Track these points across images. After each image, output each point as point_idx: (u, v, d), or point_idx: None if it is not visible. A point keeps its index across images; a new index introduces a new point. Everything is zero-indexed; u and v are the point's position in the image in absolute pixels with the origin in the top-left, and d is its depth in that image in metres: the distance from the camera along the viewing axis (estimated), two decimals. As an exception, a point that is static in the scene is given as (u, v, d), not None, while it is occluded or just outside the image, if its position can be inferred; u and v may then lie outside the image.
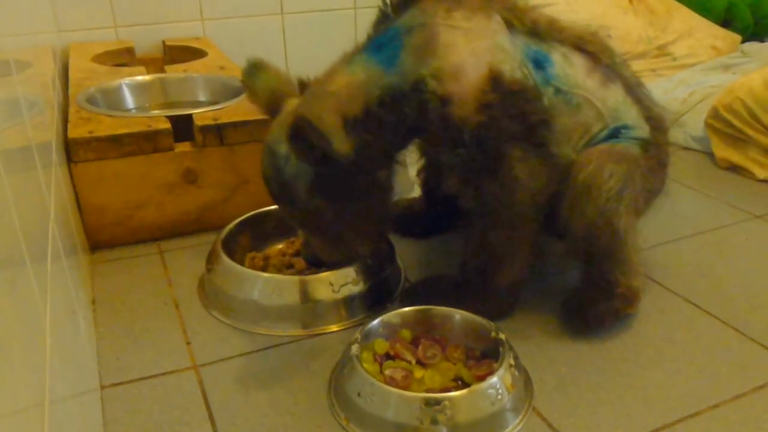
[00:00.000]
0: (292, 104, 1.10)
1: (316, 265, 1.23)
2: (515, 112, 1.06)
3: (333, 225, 1.13)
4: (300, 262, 1.31)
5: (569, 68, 1.11)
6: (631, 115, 1.15)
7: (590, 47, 1.14)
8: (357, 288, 1.23)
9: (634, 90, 1.18)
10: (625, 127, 1.14)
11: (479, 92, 1.05)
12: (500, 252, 1.17)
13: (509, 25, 1.09)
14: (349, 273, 1.23)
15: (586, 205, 1.10)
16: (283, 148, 1.06)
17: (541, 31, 1.11)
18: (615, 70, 1.16)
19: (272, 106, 1.13)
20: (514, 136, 1.07)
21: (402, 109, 1.07)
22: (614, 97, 1.14)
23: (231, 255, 1.26)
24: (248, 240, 1.40)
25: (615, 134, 1.14)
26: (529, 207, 1.12)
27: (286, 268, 1.32)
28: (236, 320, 1.21)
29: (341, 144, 1.03)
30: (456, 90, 1.05)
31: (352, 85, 1.07)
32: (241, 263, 1.26)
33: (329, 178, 1.07)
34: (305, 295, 1.20)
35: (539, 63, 1.09)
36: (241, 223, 1.38)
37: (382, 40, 1.09)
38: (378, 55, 1.08)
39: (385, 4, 1.13)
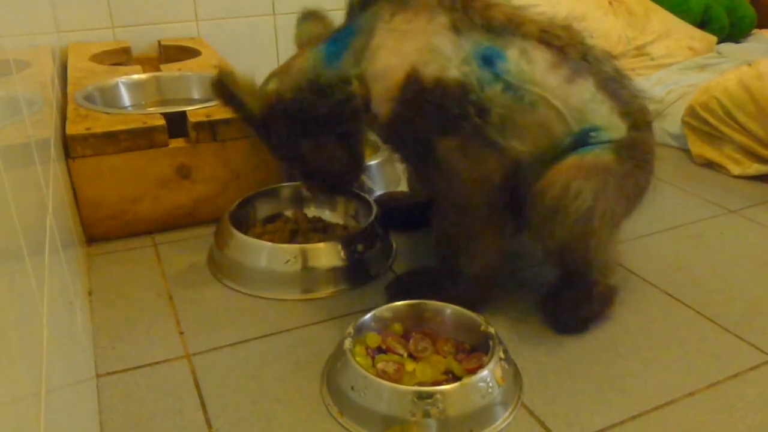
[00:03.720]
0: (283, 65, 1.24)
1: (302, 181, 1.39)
2: (430, 108, 1.08)
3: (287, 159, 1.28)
4: (302, 235, 1.45)
5: (526, 64, 1.08)
6: (600, 114, 1.10)
7: (557, 41, 1.11)
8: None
9: (608, 84, 1.12)
10: (594, 129, 1.10)
11: (394, 90, 1.09)
12: (456, 239, 1.18)
13: (455, 28, 1.09)
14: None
15: (554, 228, 1.09)
16: None
17: (496, 27, 1.10)
18: (587, 64, 1.12)
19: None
20: (432, 129, 1.09)
21: (314, 101, 1.15)
22: (580, 94, 1.09)
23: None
24: (250, 218, 1.49)
25: (584, 139, 1.10)
26: (475, 195, 1.13)
27: (289, 240, 1.41)
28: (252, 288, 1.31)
29: (252, 103, 1.19)
30: (374, 91, 1.11)
31: (299, 68, 1.18)
32: None
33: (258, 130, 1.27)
34: (305, 262, 1.30)
35: (488, 59, 1.08)
36: (242, 202, 1.46)
37: (339, 36, 1.17)
38: (329, 49, 1.16)
39: (350, 2, 1.19)
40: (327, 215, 1.56)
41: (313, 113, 1.17)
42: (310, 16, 1.27)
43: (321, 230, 1.47)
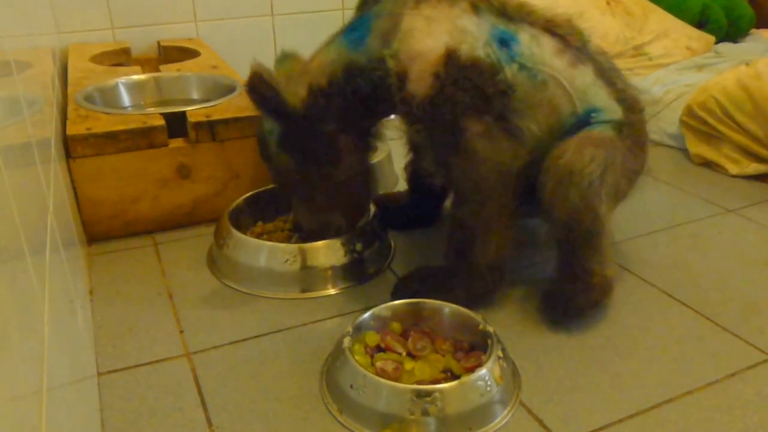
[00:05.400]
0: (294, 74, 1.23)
1: (299, 231, 1.36)
2: (468, 85, 1.11)
3: (303, 185, 1.26)
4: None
5: (536, 47, 1.14)
6: (600, 97, 1.17)
7: (560, 30, 1.17)
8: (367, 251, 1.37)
9: (605, 72, 1.19)
10: (595, 110, 1.16)
11: (434, 67, 1.11)
12: (472, 228, 1.19)
13: (476, 9, 1.15)
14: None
15: (568, 190, 1.12)
16: None
17: (509, 12, 1.16)
18: (586, 53, 1.19)
19: None
20: (469, 107, 1.12)
21: (358, 82, 1.16)
22: (582, 78, 1.16)
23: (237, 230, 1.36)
24: (249, 218, 1.49)
25: (586, 120, 1.16)
26: (495, 182, 1.15)
27: (287, 240, 1.41)
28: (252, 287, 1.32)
29: (292, 97, 1.16)
30: (412, 68, 1.12)
31: (323, 63, 1.19)
32: None
33: (291, 134, 1.20)
34: (304, 261, 1.31)
35: (504, 41, 1.13)
36: (243, 202, 1.48)
37: (357, 24, 1.19)
38: (349, 37, 1.18)
39: None
40: None
41: (356, 95, 1.18)
42: (287, 57, 1.28)
43: None
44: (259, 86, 1.16)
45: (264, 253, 1.31)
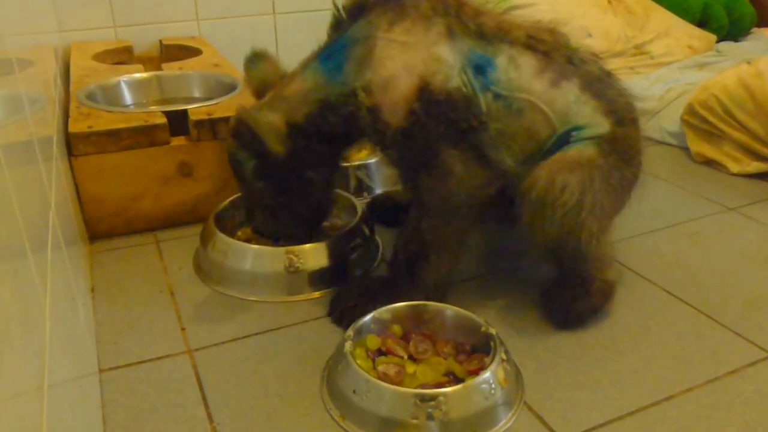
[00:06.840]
0: (270, 96, 1.21)
1: (258, 233, 1.34)
2: (442, 119, 1.09)
3: (272, 206, 1.25)
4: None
5: (513, 71, 1.11)
6: (583, 113, 1.12)
7: (542, 46, 1.13)
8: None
9: (594, 85, 1.14)
10: (576, 128, 1.12)
11: (407, 100, 1.09)
12: (430, 243, 1.17)
13: (451, 33, 1.11)
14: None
15: (543, 223, 1.08)
16: None
17: (487, 34, 1.12)
18: (572, 66, 1.14)
19: (260, 93, 1.25)
20: (443, 137, 1.10)
21: (330, 119, 1.15)
22: (564, 97, 1.11)
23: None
24: (233, 220, 1.47)
25: (565, 139, 1.12)
26: (464, 202, 1.14)
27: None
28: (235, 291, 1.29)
29: (275, 145, 1.15)
30: (384, 101, 1.10)
31: (300, 92, 1.17)
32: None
33: (268, 169, 1.19)
34: (291, 265, 1.28)
35: (481, 68, 1.10)
36: (228, 204, 1.46)
37: (333, 49, 1.17)
38: (326, 64, 1.16)
39: (338, 10, 1.18)
40: None
41: (332, 132, 1.18)
42: (257, 59, 1.28)
43: None
44: (245, 134, 1.16)
45: (251, 256, 1.29)
